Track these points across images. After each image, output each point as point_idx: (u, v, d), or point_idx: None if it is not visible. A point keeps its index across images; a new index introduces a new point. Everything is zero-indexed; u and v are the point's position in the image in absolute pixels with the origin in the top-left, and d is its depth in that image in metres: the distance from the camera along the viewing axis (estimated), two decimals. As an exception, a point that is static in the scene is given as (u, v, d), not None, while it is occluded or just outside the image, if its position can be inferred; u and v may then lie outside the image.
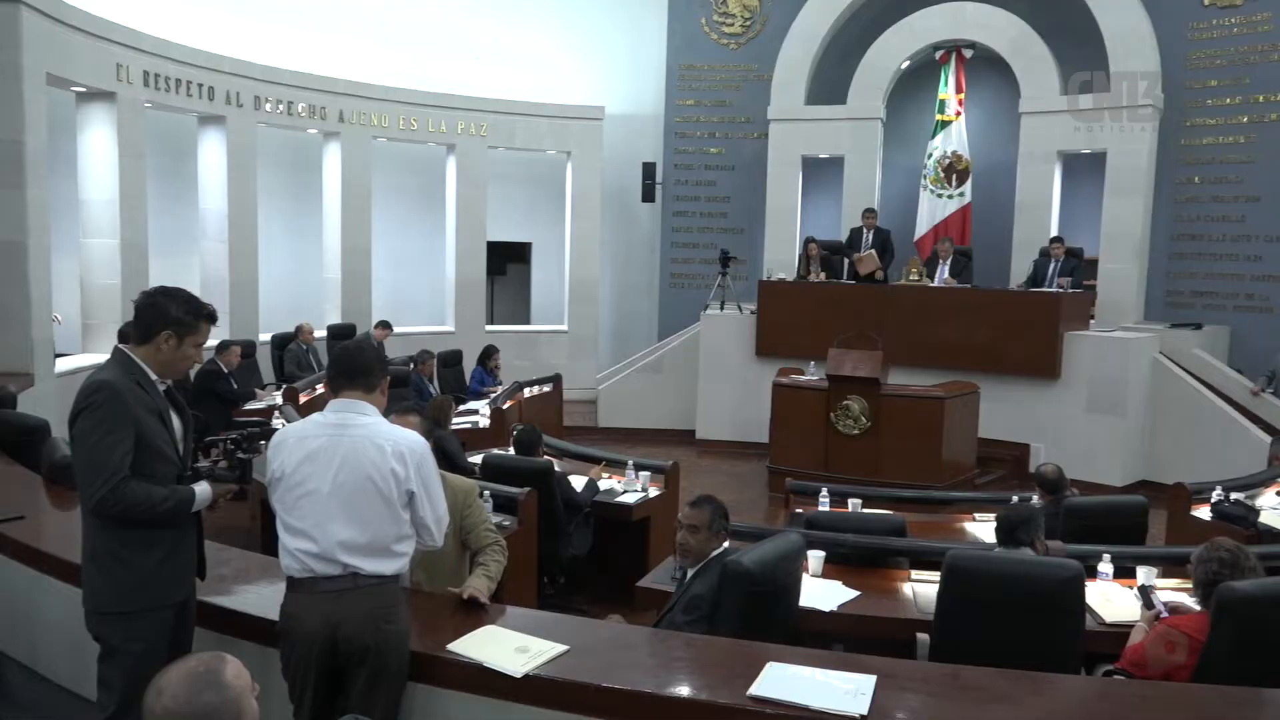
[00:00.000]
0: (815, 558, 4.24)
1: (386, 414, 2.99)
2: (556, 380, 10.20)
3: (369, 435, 2.78)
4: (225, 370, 8.36)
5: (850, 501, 5.44)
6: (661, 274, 12.94)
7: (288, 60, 10.88)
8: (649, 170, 12.64)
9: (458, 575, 3.40)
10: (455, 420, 7.47)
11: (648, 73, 12.80)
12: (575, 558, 5.61)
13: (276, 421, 6.92)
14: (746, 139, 12.46)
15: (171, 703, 1.67)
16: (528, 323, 13.36)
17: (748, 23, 12.44)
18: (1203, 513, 5.71)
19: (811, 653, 2.87)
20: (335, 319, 11.21)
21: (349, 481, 2.74)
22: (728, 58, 12.51)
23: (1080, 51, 10.57)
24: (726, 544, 3.51)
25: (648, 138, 12.82)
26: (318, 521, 2.73)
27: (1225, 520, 5.48)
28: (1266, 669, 3.04)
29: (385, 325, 10.46)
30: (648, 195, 12.70)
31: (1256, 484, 6.27)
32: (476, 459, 6.27)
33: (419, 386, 8.95)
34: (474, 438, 7.70)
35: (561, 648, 2.77)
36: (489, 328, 12.43)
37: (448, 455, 5.71)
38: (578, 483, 5.92)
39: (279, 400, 8.35)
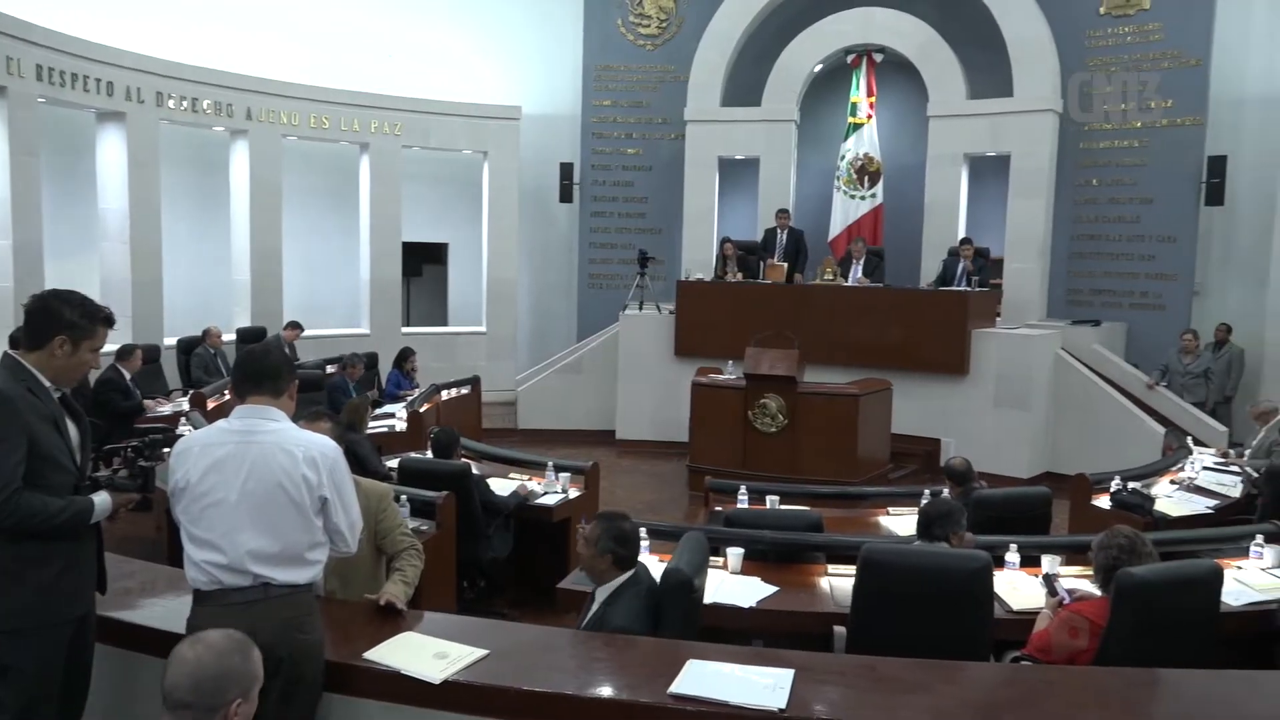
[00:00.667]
0: (734, 555, 4.28)
1: (296, 419, 2.92)
2: (475, 382, 10.10)
3: (278, 441, 2.71)
4: (127, 376, 8.06)
5: (768, 498, 5.50)
6: (580, 274, 12.92)
7: (192, 55, 10.53)
8: (566, 170, 12.61)
9: (373, 582, 3.34)
10: (371, 424, 7.33)
11: (564, 73, 12.76)
12: (495, 561, 5.57)
13: (183, 428, 6.70)
14: (664, 140, 12.52)
15: (205, 653, 1.98)
16: (445, 324, 13.19)
17: (663, 24, 12.50)
18: (1103, 502, 5.94)
19: (731, 649, 2.89)
20: (245, 322, 10.91)
21: (258, 489, 2.67)
22: (644, 59, 12.56)
23: (985, 57, 10.90)
24: (635, 572, 3.29)
25: (565, 138, 12.78)
26: (225, 532, 2.65)
27: (1124, 509, 5.71)
28: (1162, 650, 3.18)
29: (295, 326, 10.22)
30: (565, 196, 12.67)
31: (1152, 473, 6.55)
32: (393, 462, 6.17)
33: (345, 390, 8.72)
34: (390, 441, 7.59)
35: (481, 652, 2.74)
36: (405, 330, 12.24)
37: (361, 459, 5.61)
38: (500, 486, 5.88)
39: (185, 406, 8.08)
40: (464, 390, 9.85)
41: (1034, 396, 9.11)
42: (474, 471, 5.69)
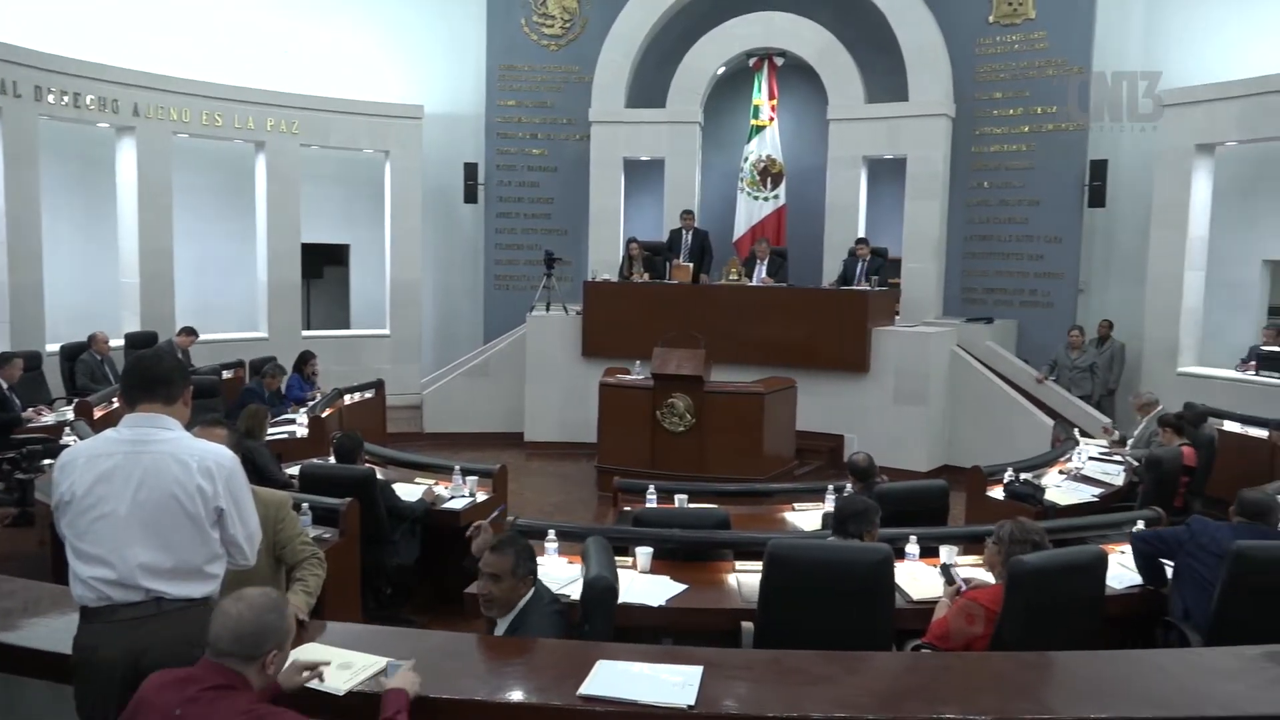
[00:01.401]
0: (643, 554, 4.30)
1: (190, 427, 2.82)
2: (379, 386, 9.91)
3: (171, 451, 2.61)
4: (5, 386, 7.66)
5: (677, 497, 5.54)
6: (486, 276, 12.80)
7: (74, 48, 10.05)
8: (470, 171, 12.48)
9: (273, 593, 3.24)
10: (270, 430, 7.12)
11: (467, 72, 12.62)
12: (401, 567, 5.47)
13: (68, 438, 6.40)
14: (569, 140, 12.50)
15: (246, 610, 2.23)
16: (347, 327, 12.90)
17: (567, 24, 12.47)
18: (996, 493, 6.16)
19: (640, 648, 2.91)
20: (134, 326, 10.47)
21: (150, 501, 2.57)
22: (548, 59, 12.51)
23: (882, 62, 11.20)
24: (535, 589, 3.25)
25: (468, 138, 12.65)
26: (115, 546, 2.54)
27: (1016, 499, 5.94)
28: (1053, 633, 3.33)
29: (190, 331, 9.86)
30: (470, 196, 12.54)
31: (1041, 464, 6.84)
32: (294, 469, 6.02)
33: (261, 400, 8.39)
34: (291, 448, 7.38)
35: (385, 661, 2.69)
36: (305, 333, 11.93)
37: (259, 468, 5.45)
38: (405, 492, 5.78)
39: (70, 416, 7.71)
40: (368, 394, 9.66)
41: (931, 392, 9.39)
42: (379, 477, 5.58)
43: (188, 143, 11.21)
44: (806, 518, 5.46)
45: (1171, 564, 4.15)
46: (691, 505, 5.47)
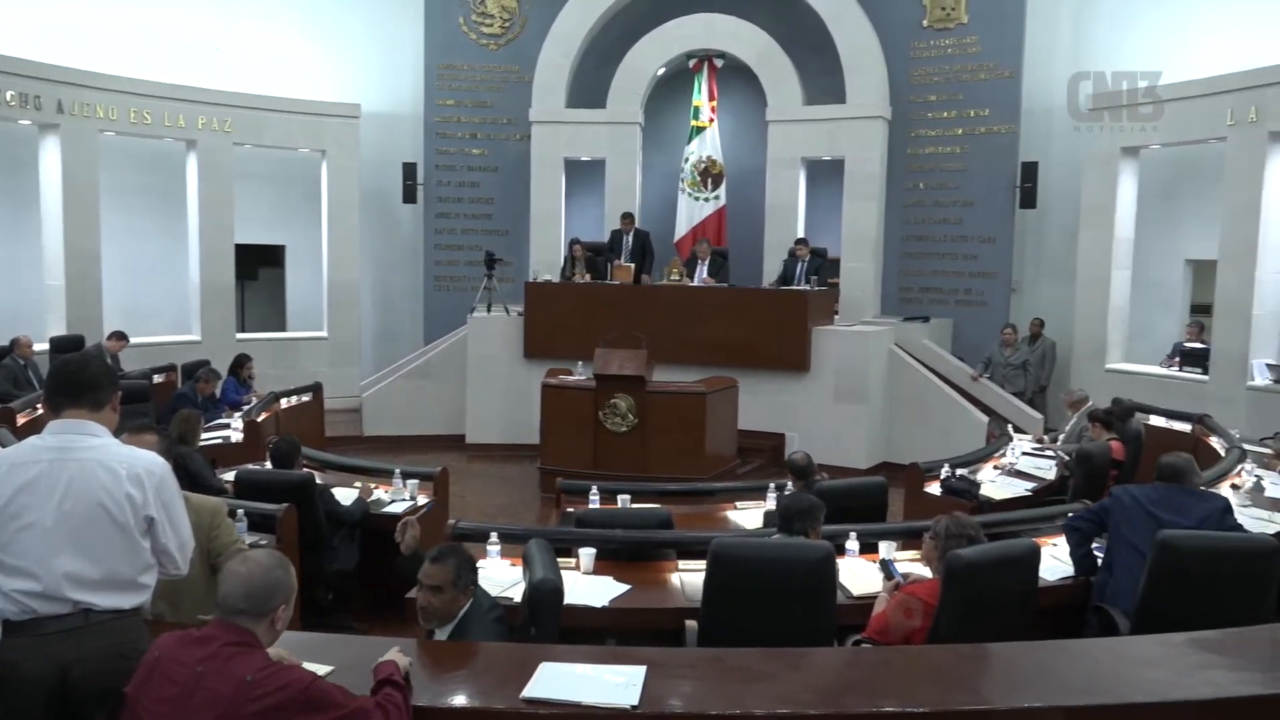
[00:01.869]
0: (586, 555, 4.29)
1: (119, 433, 2.74)
2: (316, 389, 9.74)
3: (99, 458, 2.54)
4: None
5: (620, 498, 5.54)
6: (426, 277, 12.66)
7: (-8, 42, 9.73)
8: (409, 171, 12.33)
9: (207, 603, 3.16)
10: (204, 435, 6.96)
11: (405, 71, 12.48)
12: (341, 573, 5.39)
13: (-11, 446, 6.18)
14: (509, 140, 12.43)
15: (255, 568, 2.35)
16: (284, 330, 12.65)
17: (507, 24, 12.40)
18: (934, 489, 6.27)
19: (584, 649, 2.90)
20: (60, 330, 10.12)
21: (77, 510, 2.49)
22: (487, 58, 12.42)
23: (819, 65, 11.34)
24: (474, 598, 3.19)
25: (407, 137, 12.50)
26: (40, 557, 2.47)
27: (952, 494, 6.06)
28: (988, 625, 3.40)
29: (120, 336, 9.58)
30: (409, 196, 12.39)
31: (977, 460, 6.98)
32: (230, 475, 5.89)
33: (194, 405, 8.17)
34: (226, 453, 7.21)
35: (326, 668, 2.65)
36: (240, 336, 11.66)
37: (193, 474, 5.33)
38: (345, 496, 5.70)
39: (-9, 422, 7.44)
40: (305, 398, 9.50)
41: (871, 391, 9.53)
42: (317, 481, 5.49)
43: (115, 141, 10.90)
44: (749, 516, 5.49)
45: (1103, 542, 4.31)
46: (634, 505, 5.47)
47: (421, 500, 5.89)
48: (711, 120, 11.90)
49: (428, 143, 12.43)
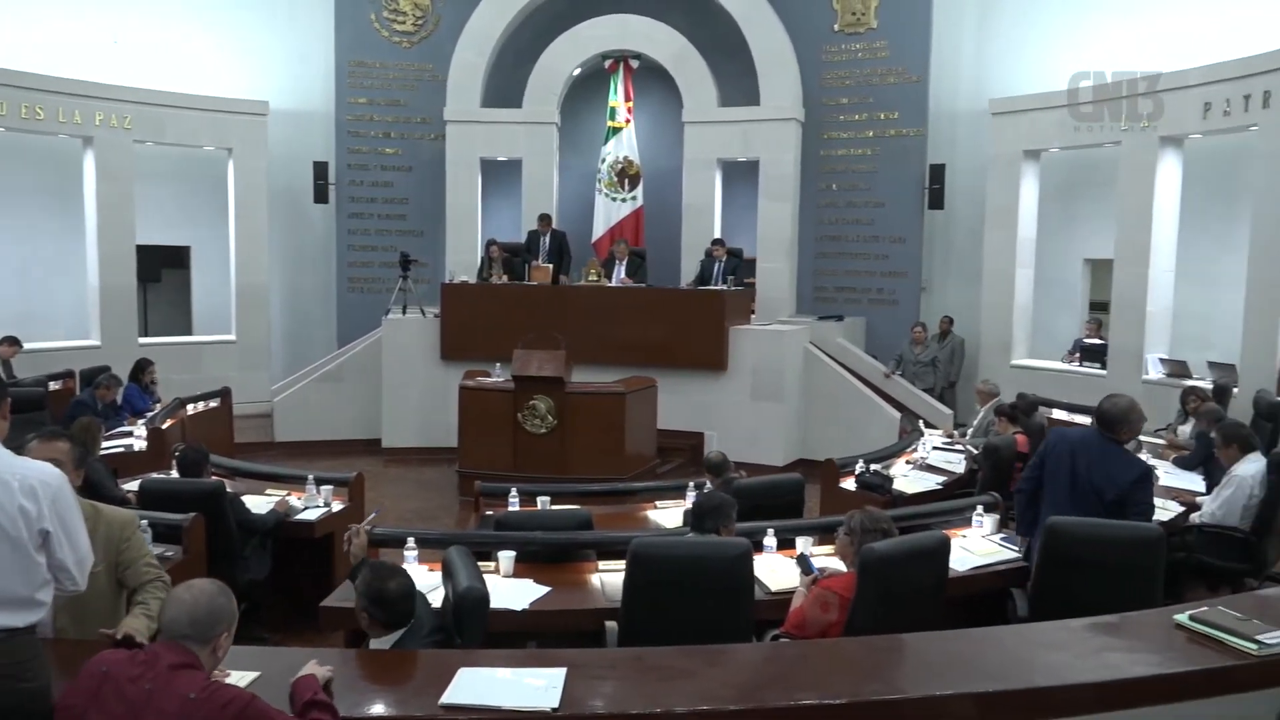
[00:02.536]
0: (505, 558, 4.26)
1: (28, 440, 2.63)
2: (225, 394, 9.45)
3: (-11, 469, 2.42)
4: None
5: (539, 499, 5.51)
6: (339, 278, 12.40)
7: None
8: (320, 170, 12.06)
9: (113, 619, 3.04)
10: (105, 444, 6.70)
11: (315, 68, 12.21)
12: (253, 583, 5.24)
13: None
14: (424, 140, 12.26)
15: (200, 595, 2.38)
16: (189, 333, 12.24)
17: (420, 21, 12.23)
18: (849, 484, 6.40)
19: (504, 653, 2.89)
20: (-54, 336, 9.64)
21: (-35, 524, 2.37)
22: (400, 56, 12.23)
23: (734, 67, 11.46)
24: (401, 630, 3.09)
25: (318, 136, 12.23)
26: (-74, 574, 2.34)
27: (867, 489, 6.18)
28: (901, 617, 3.48)
29: (12, 341, 9.15)
30: (320, 196, 12.12)
31: (890, 455, 7.14)
32: (133, 485, 5.68)
33: (94, 413, 7.82)
34: (129, 462, 6.94)
35: (252, 674, 2.60)
36: (143, 340, 11.24)
37: (93, 484, 5.12)
38: (256, 504, 5.54)
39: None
40: (213, 403, 9.21)
41: (787, 389, 9.67)
42: (227, 490, 5.33)
43: (6, 138, 10.40)
44: (669, 515, 5.52)
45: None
46: (554, 507, 5.45)
47: (337, 506, 5.77)
48: (628, 121, 11.94)
49: (339, 141, 12.18)
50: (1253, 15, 9.05)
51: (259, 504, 5.59)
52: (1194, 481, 6.22)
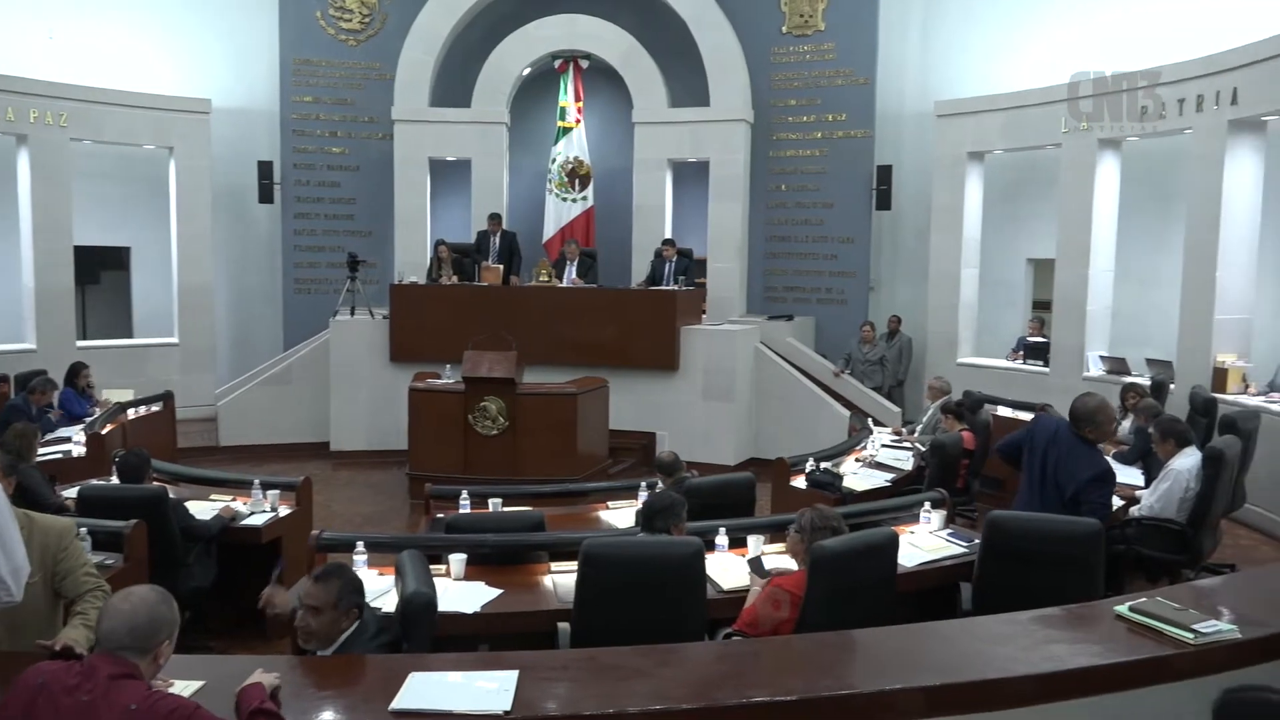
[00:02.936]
0: (456, 561, 4.23)
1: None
2: (167, 398, 9.27)
3: (-83, 478, 2.35)
4: None
5: (490, 501, 5.48)
6: (285, 279, 12.20)
7: None
8: (265, 169, 11.86)
9: (50, 630, 2.98)
10: (41, 450, 6.52)
11: (259, 65, 12.00)
12: (198, 590, 5.14)
13: None
14: (371, 139, 12.12)
15: (140, 604, 2.32)
16: (130, 336, 11.95)
17: (366, 19, 12.09)
18: (799, 482, 6.45)
19: (455, 657, 2.87)
20: (-128, 340, 9.33)
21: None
22: (347, 54, 12.08)
23: (683, 68, 11.51)
24: (360, 620, 3.05)
25: (262, 135, 12.02)
26: None
27: (817, 487, 6.24)
28: (851, 613, 3.52)
29: (-57, 345, 8.88)
30: (265, 196, 11.91)
31: (840, 453, 7.21)
32: (72, 492, 5.54)
33: (30, 416, 7.60)
34: (67, 469, 6.78)
35: (196, 684, 2.55)
36: (81, 343, 10.95)
37: (28, 492, 4.98)
38: (200, 510, 5.44)
39: None
40: (155, 407, 9.02)
41: (738, 388, 9.73)
42: (170, 496, 5.22)
43: (-66, 135, 10.10)
44: (621, 515, 5.52)
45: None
46: (506, 509, 5.43)
47: (284, 511, 5.68)
48: (578, 121, 11.92)
49: (284, 140, 11.99)
50: (1186, 23, 9.29)
51: (203, 510, 5.49)
52: (1133, 476, 6.37)
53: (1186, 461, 5.50)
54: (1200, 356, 8.43)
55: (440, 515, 5.29)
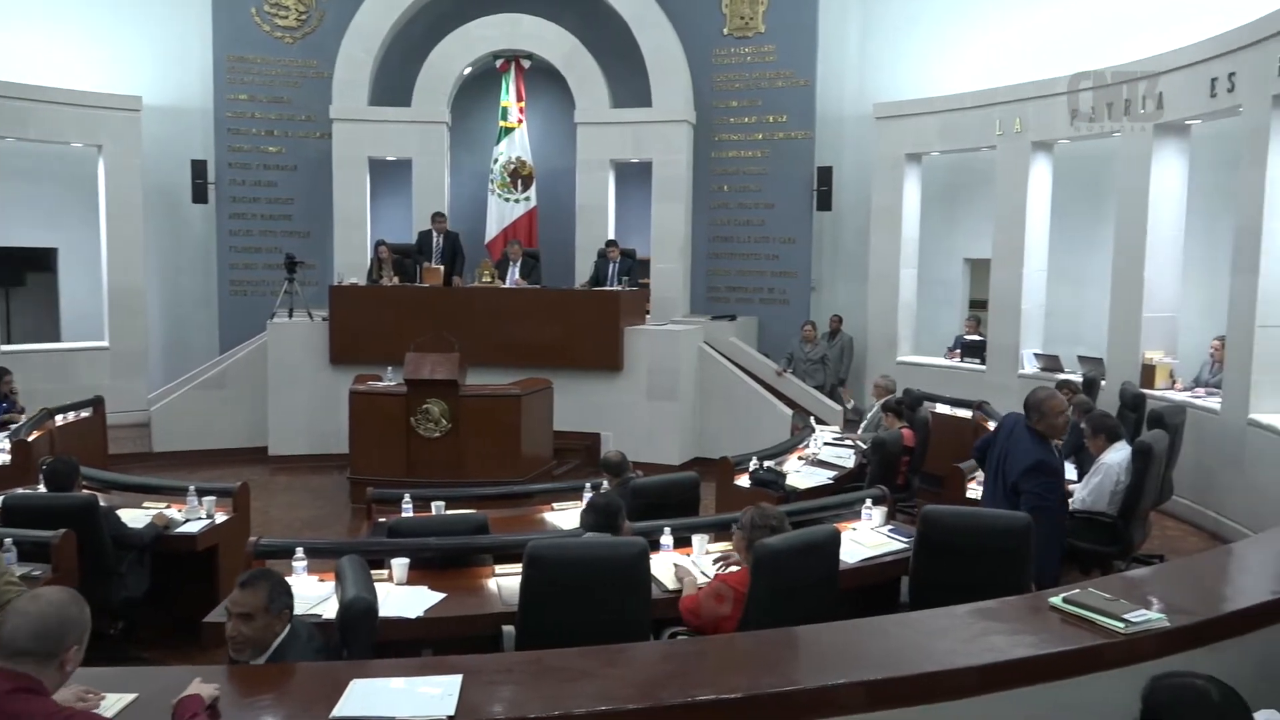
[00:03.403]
0: (399, 566, 4.18)
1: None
2: (97, 404, 9.01)
3: None
4: None
5: (434, 504, 5.43)
6: (220, 281, 11.94)
7: None
8: (199, 168, 11.59)
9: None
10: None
11: (191, 62, 11.72)
12: (130, 600, 5.01)
13: None
14: (309, 138, 11.92)
15: (47, 606, 2.21)
16: (57, 340, 11.59)
17: (303, 17, 11.89)
18: (743, 481, 6.50)
19: (397, 663, 2.83)
20: None
21: None
22: (283, 52, 11.86)
23: (625, 68, 11.52)
24: (291, 625, 3.02)
25: (196, 133, 11.75)
26: None
27: (761, 486, 6.29)
28: (794, 610, 3.55)
29: None
30: (199, 196, 11.65)
31: (783, 452, 7.28)
32: (-5, 502, 5.35)
33: None
34: (-11, 478, 6.56)
35: (129, 697, 2.48)
36: (5, 347, 10.60)
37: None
38: (133, 518, 5.29)
39: None
40: (84, 413, 8.77)
41: (682, 388, 9.76)
42: (101, 504, 5.08)
43: None
44: (566, 517, 5.50)
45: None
46: (449, 512, 5.38)
47: (221, 518, 5.56)
48: (520, 121, 11.86)
49: (219, 139, 11.74)
50: (1114, 28, 9.55)
51: (136, 518, 5.34)
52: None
53: (1116, 456, 5.65)
54: (1129, 353, 8.67)
55: (382, 519, 5.22)
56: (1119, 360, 8.81)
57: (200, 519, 5.48)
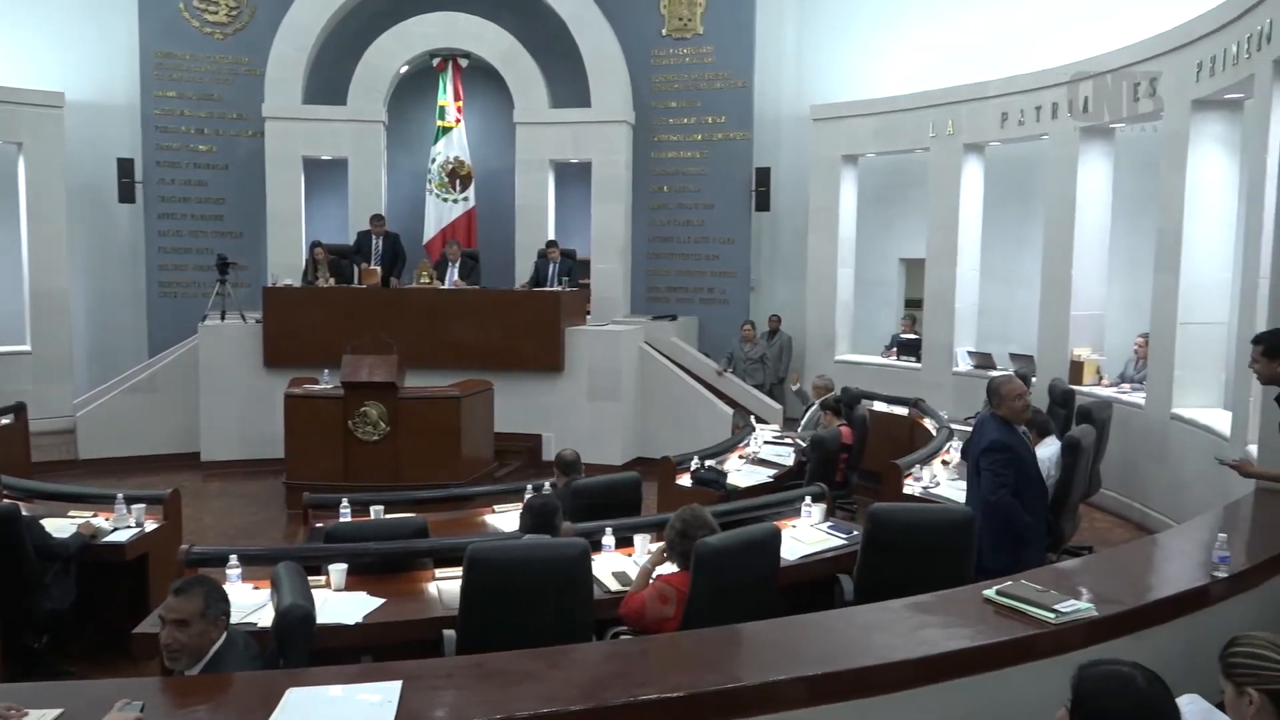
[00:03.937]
0: (336, 572, 4.12)
1: None
2: (19, 410, 8.71)
3: None
4: None
5: (372, 509, 5.36)
6: (149, 282, 11.63)
7: None
8: (125, 167, 11.28)
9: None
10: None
11: (117, 58, 11.40)
12: (55, 613, 4.85)
13: None
14: (240, 137, 11.67)
15: None
16: (-24, 344, 11.20)
17: (234, 12, 11.63)
18: (684, 480, 6.52)
19: (335, 670, 2.78)
20: None
21: None
22: (213, 48, 11.60)
23: (564, 68, 11.49)
24: (228, 632, 2.93)
25: (122, 131, 11.43)
26: None
27: (702, 485, 6.33)
28: (736, 608, 3.58)
29: None
30: (126, 195, 11.33)
31: (723, 451, 7.33)
32: (-91, 513, 5.14)
33: None
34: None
35: (54, 712, 2.39)
36: (-79, 352, 10.22)
37: None
38: (57, 527, 5.13)
39: None
40: (5, 420, 8.48)
41: (623, 388, 9.77)
42: (23, 513, 4.91)
43: None
44: (506, 519, 5.47)
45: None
46: (388, 516, 5.31)
47: (150, 526, 5.41)
48: (458, 121, 11.77)
49: (146, 137, 11.44)
50: (1045, 35, 9.79)
51: (61, 527, 5.18)
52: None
53: (1047, 450, 5.79)
54: (1058, 350, 8.90)
55: (320, 525, 5.14)
56: (1048, 357, 9.04)
57: (129, 527, 5.33)
